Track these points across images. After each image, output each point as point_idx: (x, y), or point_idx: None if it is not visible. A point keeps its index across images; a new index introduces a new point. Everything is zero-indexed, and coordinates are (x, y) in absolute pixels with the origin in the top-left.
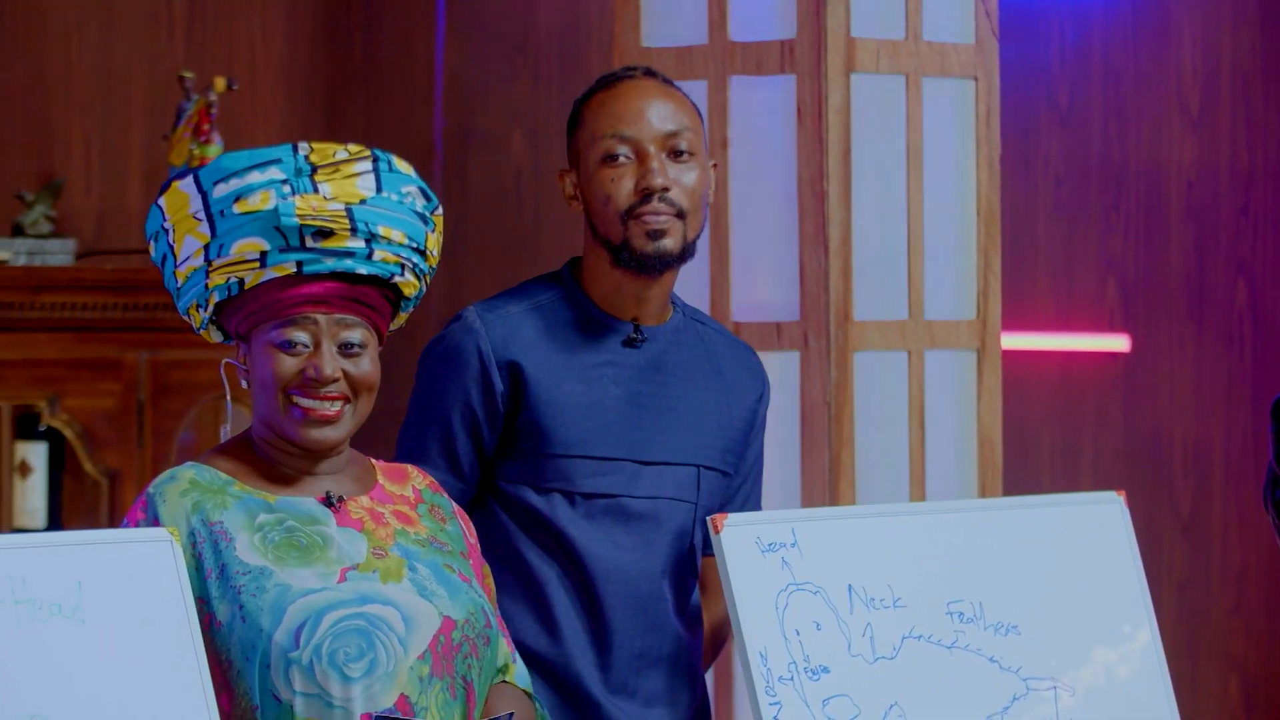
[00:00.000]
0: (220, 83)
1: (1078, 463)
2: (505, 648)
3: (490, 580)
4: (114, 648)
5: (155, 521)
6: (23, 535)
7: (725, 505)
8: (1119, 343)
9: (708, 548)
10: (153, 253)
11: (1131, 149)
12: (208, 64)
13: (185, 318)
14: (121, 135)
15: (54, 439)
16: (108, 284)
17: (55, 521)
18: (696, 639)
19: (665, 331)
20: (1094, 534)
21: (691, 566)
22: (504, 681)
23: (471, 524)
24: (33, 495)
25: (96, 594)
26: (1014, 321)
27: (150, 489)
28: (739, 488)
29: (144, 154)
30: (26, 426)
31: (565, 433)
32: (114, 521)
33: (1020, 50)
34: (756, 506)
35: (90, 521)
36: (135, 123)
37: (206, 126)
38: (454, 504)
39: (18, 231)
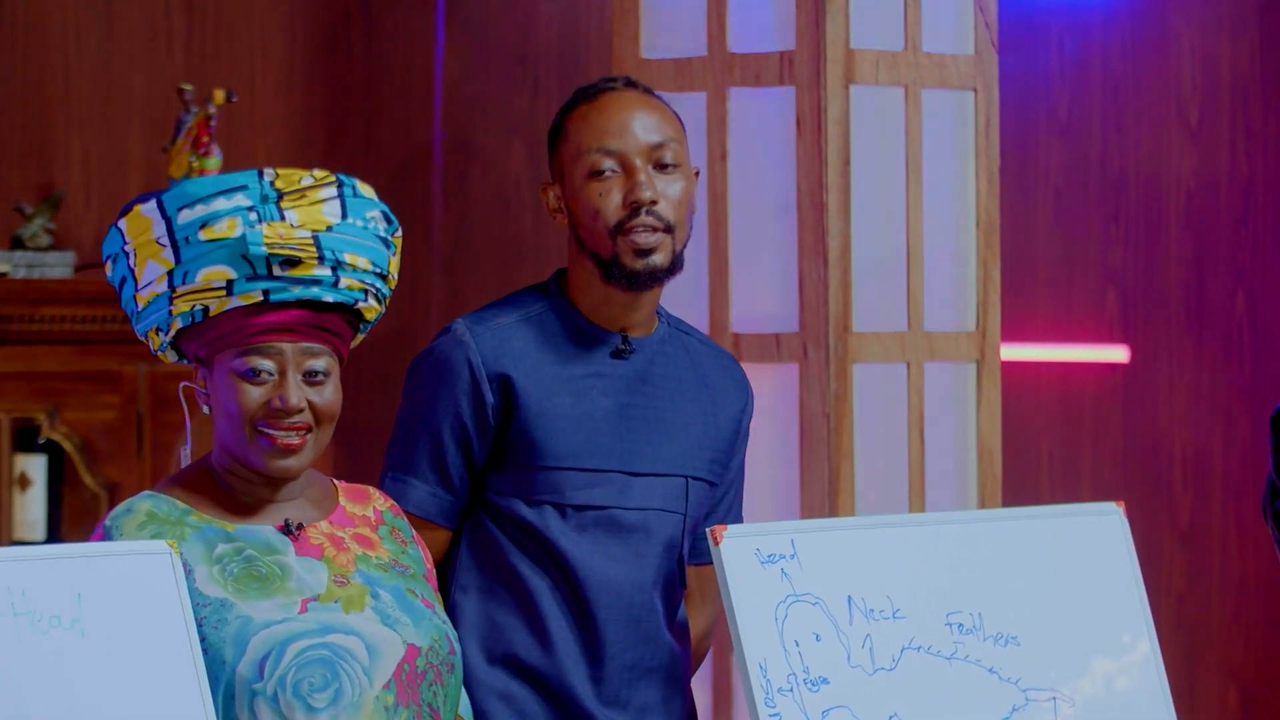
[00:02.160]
0: (220, 95)
1: (1077, 473)
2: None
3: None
4: (114, 660)
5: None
6: (22, 548)
7: (710, 515)
8: (1118, 354)
9: (694, 556)
10: (109, 273)
11: (1130, 160)
12: (207, 76)
13: (142, 339)
14: (121, 148)
15: (53, 451)
16: (107, 297)
17: (55, 534)
18: (685, 650)
19: (652, 343)
20: (1093, 545)
21: (680, 577)
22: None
23: (428, 552)
24: (32, 508)
25: (96, 606)
26: (1013, 333)
27: (107, 521)
28: (722, 497)
29: (143, 167)
30: (26, 439)
31: (556, 445)
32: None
33: (1019, 61)
34: (738, 516)
35: (89, 534)
36: (134, 135)
37: (206, 139)
38: (413, 529)
39: (17, 244)
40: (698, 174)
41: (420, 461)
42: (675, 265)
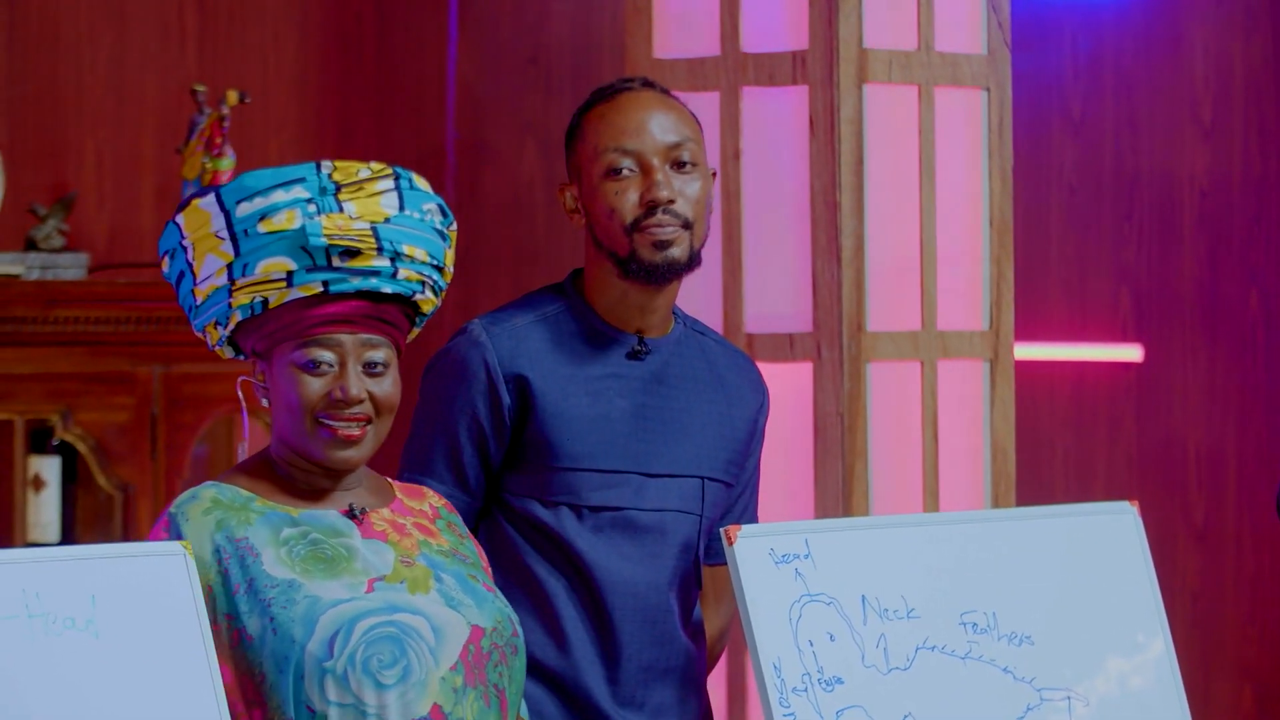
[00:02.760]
0: (233, 96)
1: (1091, 472)
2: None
3: None
4: (128, 662)
5: (179, 540)
6: (36, 549)
7: (725, 516)
8: (1132, 352)
9: (709, 557)
10: (166, 269)
11: (1144, 159)
12: (220, 77)
13: (200, 334)
14: (134, 149)
15: (67, 453)
16: (121, 298)
17: (68, 535)
18: (701, 650)
19: (668, 343)
20: (1107, 544)
21: (696, 578)
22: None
23: (482, 549)
24: (46, 509)
25: (110, 608)
26: (1026, 331)
27: (172, 509)
28: (738, 498)
29: (156, 168)
30: (39, 441)
31: (572, 446)
32: (127, 535)
33: (1032, 61)
34: (754, 517)
35: (103, 535)
36: (147, 136)
37: (219, 140)
38: (465, 526)
39: (30, 246)
40: (715, 174)
41: (436, 462)
42: (693, 260)
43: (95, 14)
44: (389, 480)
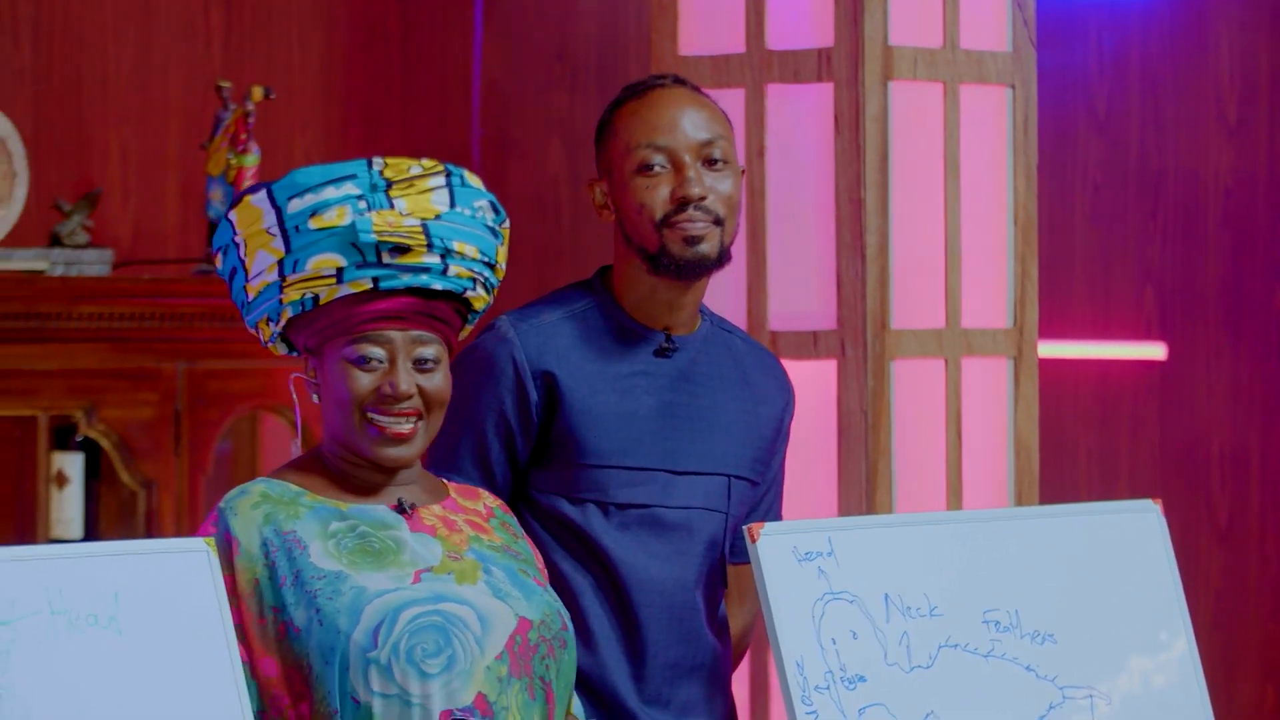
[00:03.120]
0: (258, 92)
1: (1114, 471)
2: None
3: None
4: (151, 658)
5: (227, 535)
6: (59, 546)
7: (751, 514)
8: (1156, 351)
9: (734, 555)
10: (220, 265)
11: (1169, 157)
12: (245, 73)
13: (253, 330)
14: (158, 145)
15: (90, 449)
16: (145, 294)
17: (92, 532)
18: (726, 648)
19: (695, 340)
20: (1131, 542)
21: (721, 576)
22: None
23: (536, 549)
24: (69, 505)
25: (133, 604)
26: (1050, 329)
27: (221, 504)
28: (763, 496)
29: (181, 164)
30: (63, 437)
31: (600, 443)
32: (151, 531)
33: (1057, 58)
34: (778, 515)
35: (127, 532)
36: (172, 132)
37: (244, 136)
38: (519, 527)
39: (55, 242)
40: (744, 174)
41: (464, 457)
42: (724, 257)
43: (120, 10)
44: (444, 481)
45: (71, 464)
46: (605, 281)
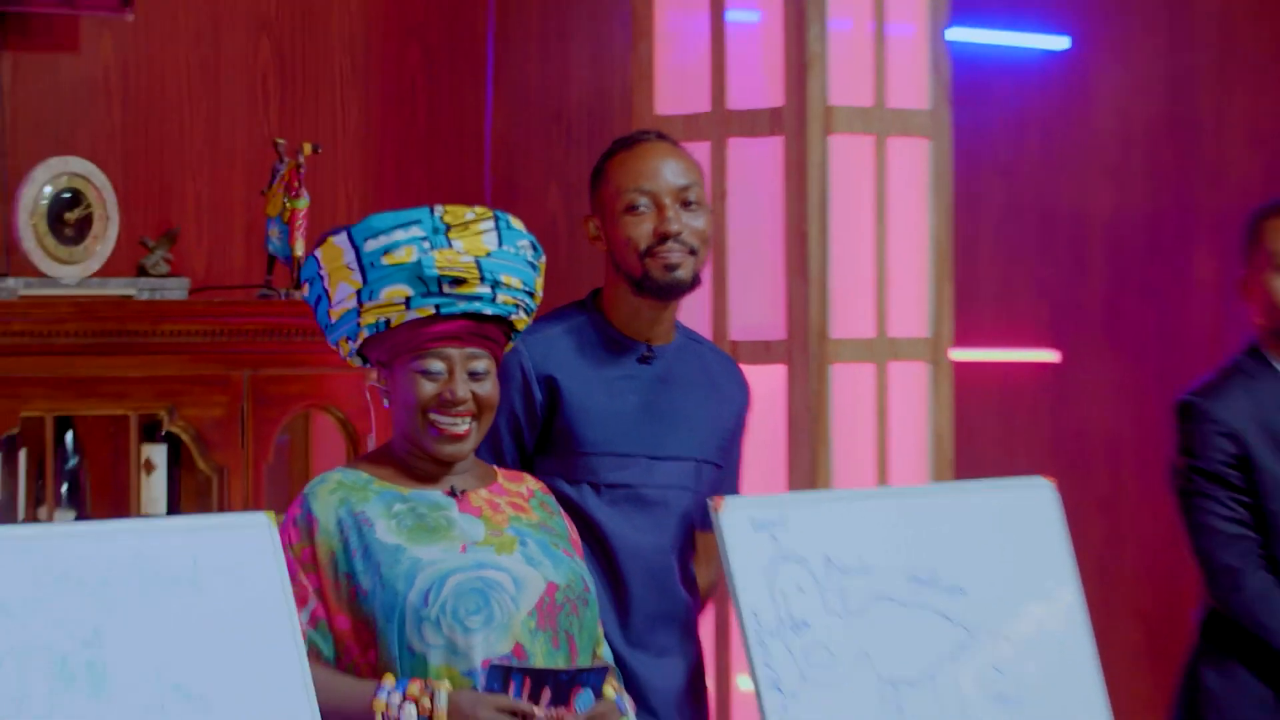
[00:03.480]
0: (307, 147)
1: (1015, 454)
2: (599, 628)
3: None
4: (223, 613)
5: (309, 515)
6: (148, 519)
7: (714, 491)
8: (1050, 355)
9: (701, 524)
10: (307, 293)
11: (1060, 196)
12: (296, 131)
13: (334, 347)
14: (226, 191)
15: (173, 442)
16: (216, 314)
17: (174, 509)
18: (696, 602)
19: (671, 350)
20: (1028, 512)
21: (692, 542)
22: (597, 653)
23: (575, 529)
24: (155, 488)
25: (209, 569)
26: (962, 338)
27: (306, 489)
28: (724, 478)
29: (244, 206)
30: (150, 431)
31: (593, 435)
32: (222, 509)
33: (968, 115)
34: (736, 491)
35: (203, 509)
36: (237, 181)
37: (296, 184)
38: (563, 511)
39: (142, 272)
40: (713, 213)
41: (481, 447)
42: (695, 281)
43: (194, 80)
44: (495, 469)
45: (157, 454)
46: (596, 301)
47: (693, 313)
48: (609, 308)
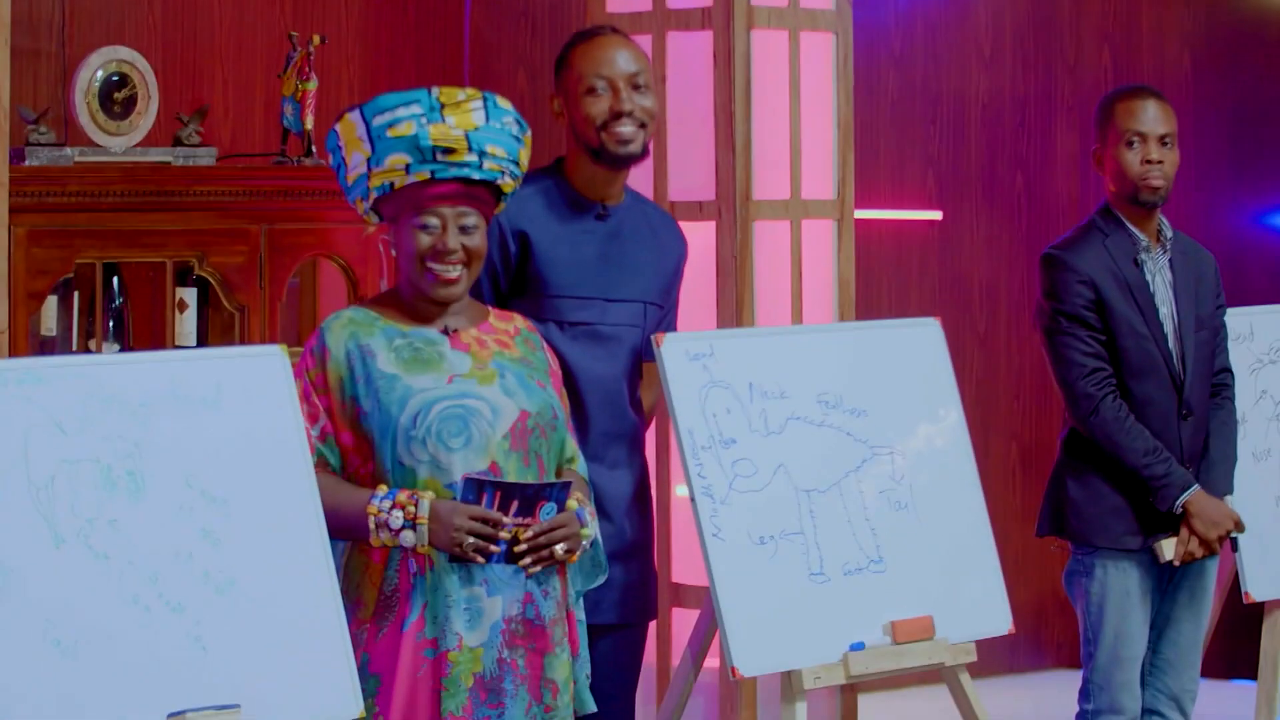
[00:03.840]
0: (316, 38)
1: (907, 298)
2: (573, 446)
3: (565, 400)
4: (244, 431)
5: (323, 346)
6: (180, 351)
7: (657, 328)
8: (936, 214)
9: (647, 356)
10: (330, 161)
11: (943, 80)
12: (307, 25)
13: (352, 205)
14: (249, 75)
15: (202, 285)
16: (239, 178)
17: (203, 342)
18: (641, 421)
19: (622, 209)
20: (919, 346)
21: (639, 371)
22: (570, 468)
23: (557, 360)
24: (188, 324)
25: (231, 393)
26: (862, 200)
27: (322, 325)
28: (664, 316)
29: (264, 88)
30: (183, 276)
31: (557, 280)
32: (244, 341)
33: (866, 12)
34: (674, 327)
35: (227, 342)
36: (258, 66)
37: (307, 69)
38: (546, 344)
39: (177, 142)
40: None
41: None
42: (645, 151)
43: None
44: (488, 309)
45: (190, 295)
46: (560, 168)
47: (637, 177)
48: (571, 173)
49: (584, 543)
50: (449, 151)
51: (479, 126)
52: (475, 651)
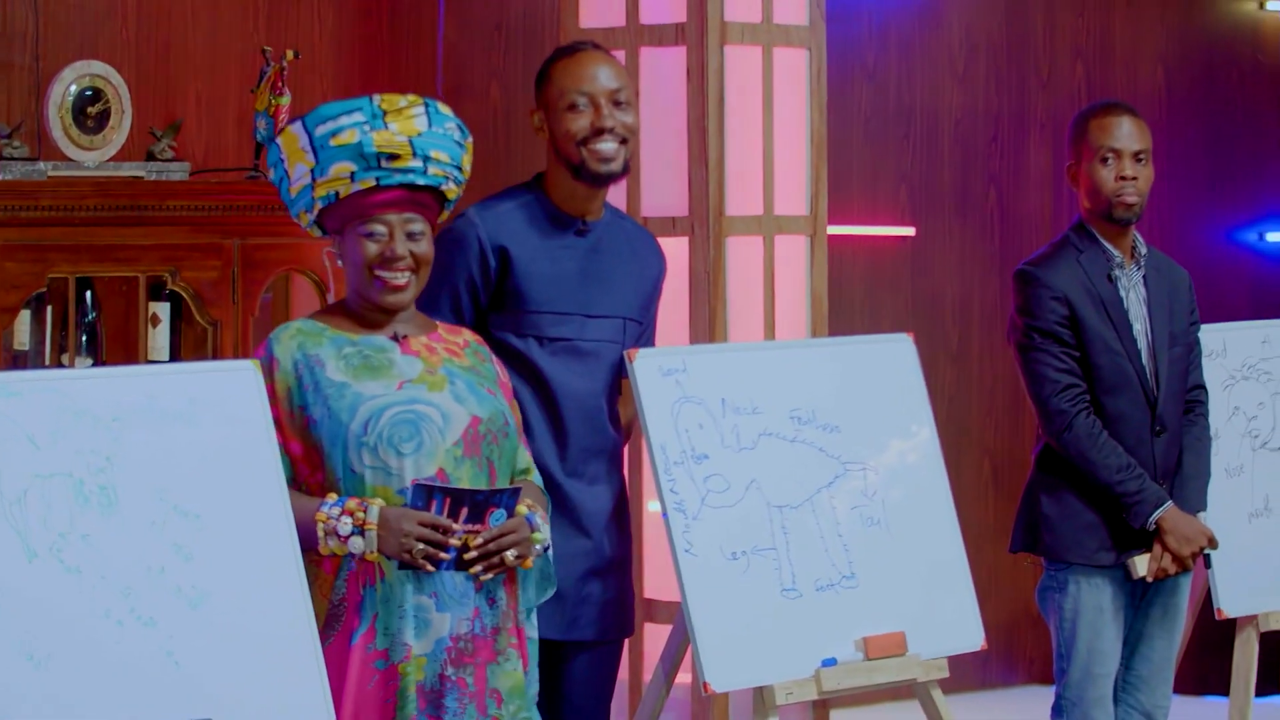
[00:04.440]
0: (289, 54)
1: (880, 314)
2: (527, 457)
3: (517, 412)
4: (216, 443)
5: (271, 357)
6: (154, 365)
7: (636, 344)
8: (908, 230)
9: (623, 372)
10: (272, 175)
11: (916, 97)
12: (280, 40)
13: (296, 219)
14: (222, 90)
15: (175, 299)
16: (212, 193)
17: (175, 357)
18: (620, 437)
19: (601, 225)
20: (891, 362)
21: (619, 387)
22: (525, 480)
23: (507, 373)
24: (160, 338)
25: (204, 406)
26: (836, 216)
27: (270, 336)
28: (643, 332)
29: (237, 103)
30: (156, 291)
31: (537, 295)
32: (216, 356)
33: (840, 29)
34: (651, 344)
35: (200, 357)
36: (231, 81)
37: (280, 84)
38: (495, 358)
39: (150, 156)
40: None
41: (443, 306)
42: (626, 168)
43: (197, 2)
44: (436, 322)
45: (162, 310)
46: (541, 183)
47: (612, 192)
48: (550, 188)
49: (536, 547)
50: (393, 157)
51: (422, 132)
52: (419, 660)
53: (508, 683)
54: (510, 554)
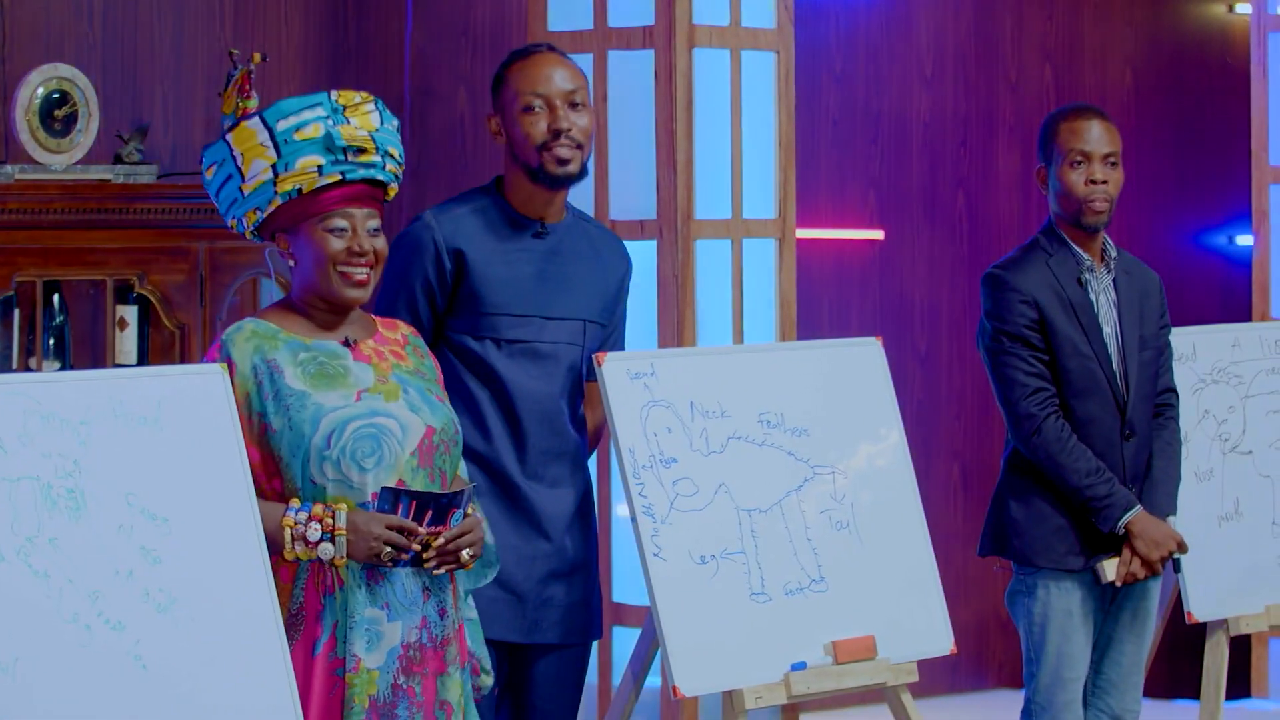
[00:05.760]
0: (256, 57)
1: (848, 317)
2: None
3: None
4: (182, 447)
5: (228, 359)
6: (121, 369)
7: (601, 347)
8: (877, 234)
9: (590, 376)
10: (211, 175)
11: (885, 100)
12: (248, 43)
13: (235, 221)
14: (189, 93)
15: (143, 303)
16: (179, 196)
17: (143, 360)
18: (583, 439)
19: (561, 227)
20: (860, 366)
21: (580, 390)
22: (458, 475)
23: (438, 363)
24: (128, 342)
25: (171, 410)
26: (804, 219)
27: (223, 336)
28: (610, 335)
29: (204, 106)
30: (123, 294)
31: (494, 298)
32: (185, 360)
33: (808, 32)
34: (621, 347)
35: (167, 360)
36: (199, 84)
37: (248, 87)
38: (427, 348)
39: (118, 160)
40: (594, 112)
41: (400, 308)
42: (583, 172)
43: (163, 4)
44: (373, 317)
45: (130, 313)
46: (499, 186)
47: (577, 195)
48: (509, 192)
49: (488, 544)
50: (360, 151)
51: (378, 128)
52: (371, 674)
53: (455, 693)
54: (466, 553)
